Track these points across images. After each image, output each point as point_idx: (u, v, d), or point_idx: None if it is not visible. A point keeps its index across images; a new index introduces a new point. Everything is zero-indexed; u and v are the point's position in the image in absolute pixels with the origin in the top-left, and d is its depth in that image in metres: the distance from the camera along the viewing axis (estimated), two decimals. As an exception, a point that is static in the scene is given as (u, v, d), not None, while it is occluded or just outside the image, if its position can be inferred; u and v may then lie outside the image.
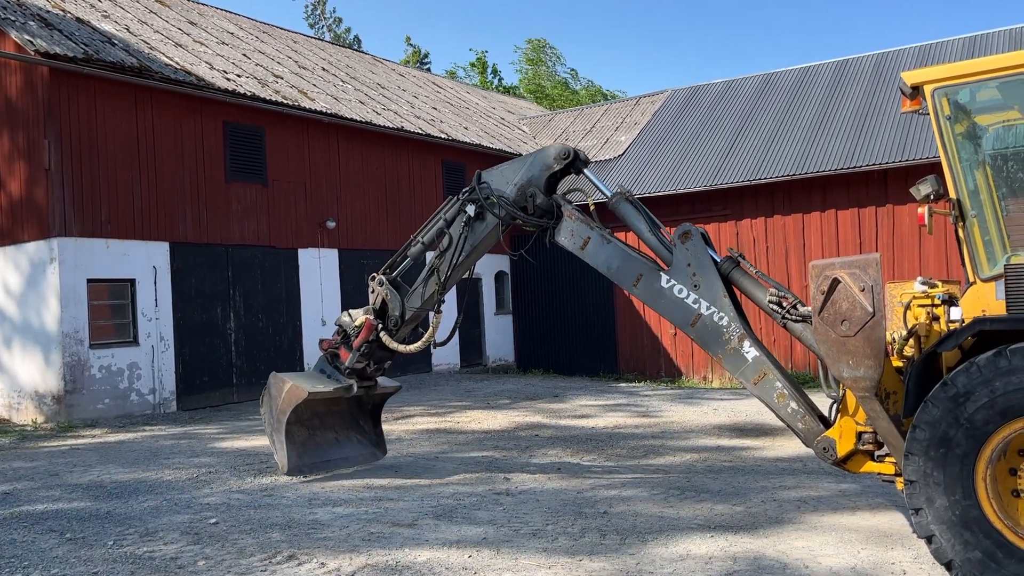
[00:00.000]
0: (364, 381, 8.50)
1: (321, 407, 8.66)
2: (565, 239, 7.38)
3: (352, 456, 8.91)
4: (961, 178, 5.28)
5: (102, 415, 13.59)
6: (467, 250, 7.89)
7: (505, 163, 7.97)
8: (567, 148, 7.55)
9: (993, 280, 5.12)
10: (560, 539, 6.30)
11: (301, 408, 8.28)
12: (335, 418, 8.89)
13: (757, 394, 6.27)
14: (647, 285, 6.75)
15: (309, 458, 8.54)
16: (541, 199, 7.50)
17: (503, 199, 7.66)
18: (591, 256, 7.20)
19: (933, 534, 4.75)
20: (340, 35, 47.50)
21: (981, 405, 4.60)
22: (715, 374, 19.31)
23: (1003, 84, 5.24)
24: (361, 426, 9.10)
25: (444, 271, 7.96)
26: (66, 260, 13.45)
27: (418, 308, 8.19)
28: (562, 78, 44.11)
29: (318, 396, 8.27)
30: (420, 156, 20.41)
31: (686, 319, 6.52)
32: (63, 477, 8.99)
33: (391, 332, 8.22)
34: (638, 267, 6.85)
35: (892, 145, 17.37)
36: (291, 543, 6.29)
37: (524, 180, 7.63)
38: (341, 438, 8.92)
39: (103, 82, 14.04)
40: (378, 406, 9.22)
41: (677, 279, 6.54)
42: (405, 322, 8.25)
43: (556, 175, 7.59)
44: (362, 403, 9.04)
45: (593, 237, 7.19)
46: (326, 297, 17.69)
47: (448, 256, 7.95)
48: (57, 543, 6.45)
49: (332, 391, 8.33)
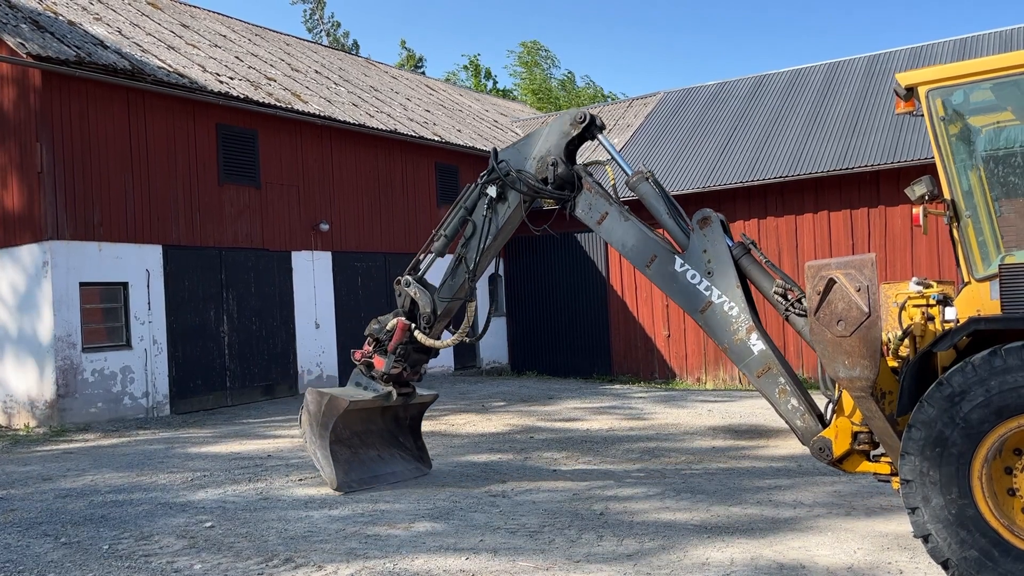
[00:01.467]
0: (402, 388, 8.21)
1: (359, 425, 8.37)
2: (582, 212, 7.27)
3: (398, 471, 8.53)
4: (955, 179, 5.31)
5: (95, 419, 13.53)
6: (493, 233, 7.74)
7: (520, 139, 7.76)
8: (583, 111, 7.39)
9: (987, 280, 5.15)
10: (557, 541, 6.30)
11: (341, 423, 7.96)
12: (375, 437, 8.58)
13: (759, 387, 6.24)
14: (660, 267, 6.67)
15: (356, 474, 8.17)
16: (562, 169, 7.33)
17: (524, 174, 7.52)
18: (607, 232, 7.10)
19: (930, 533, 4.77)
20: (338, 39, 47.46)
21: (976, 404, 4.63)
22: (709, 376, 19.35)
23: (996, 85, 5.28)
24: (402, 443, 8.80)
25: (472, 258, 7.82)
26: (58, 264, 13.39)
27: (450, 300, 8.02)
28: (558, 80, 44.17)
29: (359, 405, 8.01)
30: (413, 158, 20.40)
31: (696, 305, 6.47)
32: (57, 481, 8.95)
33: (425, 330, 8.06)
34: (653, 248, 6.75)
35: (884, 146, 17.45)
36: (287, 547, 6.28)
37: (543, 151, 7.48)
38: (384, 455, 8.58)
39: (95, 85, 13.99)
40: (416, 419, 8.92)
41: (691, 264, 6.47)
42: (438, 317, 8.08)
43: (574, 141, 7.43)
44: (400, 419, 8.77)
45: (611, 213, 7.08)
46: (320, 300, 17.66)
47: (474, 242, 7.82)
48: (52, 547, 6.42)
49: (372, 399, 8.08)
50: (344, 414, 7.93)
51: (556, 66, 45.19)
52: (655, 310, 19.94)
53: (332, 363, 17.85)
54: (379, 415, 8.61)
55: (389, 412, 8.69)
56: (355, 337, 18.33)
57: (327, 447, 7.94)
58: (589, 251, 20.83)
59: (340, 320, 18.10)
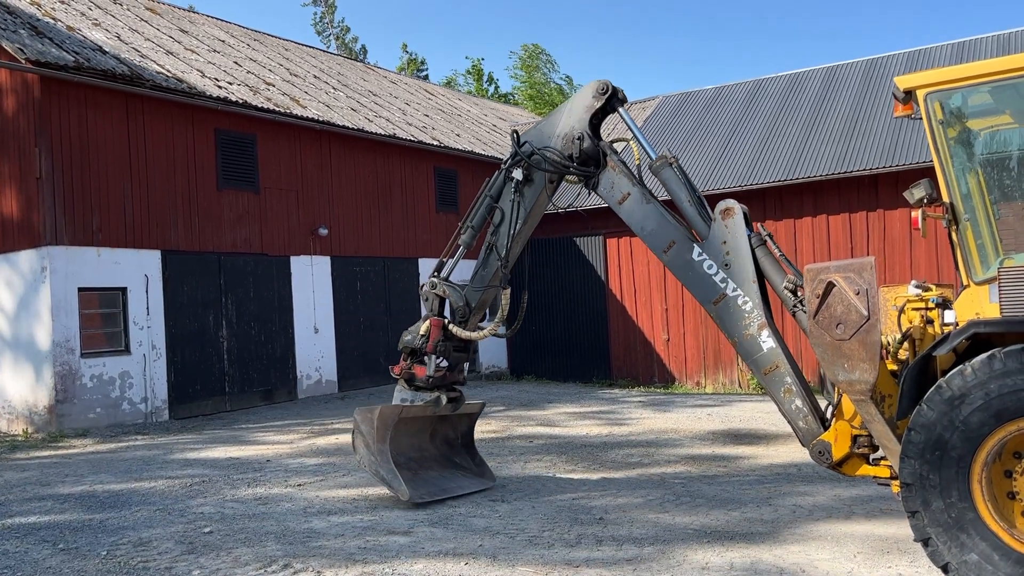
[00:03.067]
0: (450, 392, 7.98)
1: (413, 452, 8.06)
2: (604, 190, 7.17)
3: (464, 484, 8.19)
4: (954, 182, 5.31)
5: (93, 425, 13.51)
6: (523, 217, 7.61)
7: (541, 119, 7.59)
8: (605, 82, 7.23)
9: (986, 283, 5.15)
10: (556, 546, 6.28)
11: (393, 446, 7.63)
12: (431, 461, 8.29)
13: (765, 384, 6.22)
14: (677, 254, 6.59)
15: (424, 489, 7.78)
16: (588, 143, 7.18)
17: (549, 150, 7.38)
18: (627, 213, 7.00)
19: (930, 537, 4.76)
20: (347, 43, 47.55)
21: (976, 408, 4.62)
22: (708, 379, 19.33)
23: (995, 89, 5.28)
24: (459, 463, 8.55)
25: (504, 244, 7.68)
26: (57, 269, 13.38)
27: (483, 290, 7.87)
28: (557, 84, 44.20)
29: (411, 413, 7.80)
30: (412, 163, 20.41)
31: (710, 296, 6.41)
32: (55, 487, 8.92)
33: (460, 324, 7.89)
34: (673, 234, 6.67)
35: (882, 150, 17.46)
36: (287, 552, 6.26)
37: (568, 127, 7.34)
38: (445, 474, 8.31)
39: (94, 90, 13.99)
40: (468, 435, 8.65)
41: (709, 254, 6.41)
42: (473, 310, 7.93)
43: (598, 114, 7.31)
44: (451, 441, 8.53)
45: (633, 194, 6.98)
46: (318, 305, 17.65)
47: (504, 229, 7.68)
48: (50, 553, 6.40)
49: (423, 406, 7.84)
50: (398, 426, 7.67)
51: (556, 70, 45.20)
52: (654, 314, 19.93)
53: (331, 368, 17.84)
54: (429, 440, 8.34)
55: (440, 434, 8.43)
56: (354, 342, 18.41)
57: (389, 460, 7.53)
58: (588, 255, 20.82)
59: (339, 325, 18.09)
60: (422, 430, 8.25)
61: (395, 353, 20.75)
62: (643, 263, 20.08)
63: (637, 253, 20.17)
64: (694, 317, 19.42)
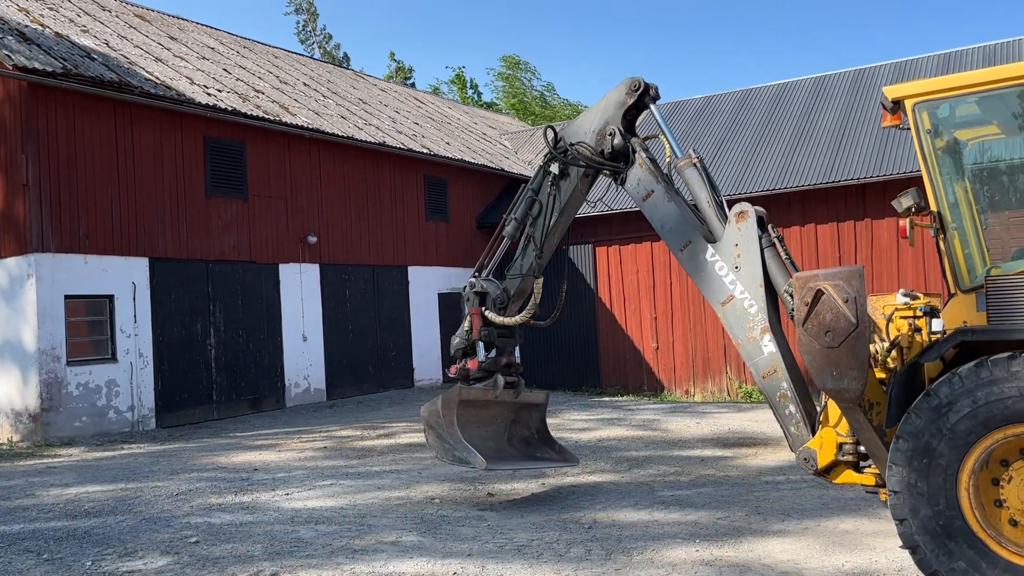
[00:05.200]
0: (506, 376, 8.13)
1: (493, 453, 8.14)
2: (631, 186, 7.32)
3: (544, 461, 8.55)
4: (942, 191, 5.34)
5: (79, 433, 13.39)
6: (558, 209, 7.81)
7: (580, 114, 7.90)
8: (637, 79, 7.43)
9: (974, 291, 5.18)
10: (545, 554, 6.26)
11: (468, 430, 7.83)
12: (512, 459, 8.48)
13: (763, 388, 6.28)
14: (692, 253, 6.69)
15: (502, 463, 8.07)
16: (619, 139, 7.36)
17: (582, 146, 7.58)
18: (650, 210, 7.11)
19: (917, 544, 4.77)
20: (330, 51, 47.52)
21: (963, 415, 4.64)
22: (697, 388, 19.36)
23: (982, 99, 5.33)
24: (540, 456, 8.69)
25: (539, 236, 7.91)
26: (43, 276, 13.29)
27: (520, 279, 8.11)
28: (538, 92, 44.31)
29: (472, 395, 7.97)
30: (402, 171, 20.40)
31: (719, 297, 6.50)
32: (39, 496, 8.84)
33: (499, 311, 8.10)
34: (690, 233, 6.76)
35: (870, 160, 17.58)
36: (273, 561, 6.21)
37: (600, 124, 7.54)
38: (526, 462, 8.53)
39: (82, 97, 13.93)
40: (543, 429, 8.71)
41: (721, 256, 6.48)
42: (511, 297, 8.15)
43: (631, 110, 7.49)
44: (528, 439, 8.67)
45: (657, 191, 7.09)
46: (307, 313, 17.59)
47: (540, 221, 7.90)
48: (34, 563, 6.32)
49: (483, 388, 8.02)
50: (467, 416, 7.87)
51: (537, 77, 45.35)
52: (643, 322, 19.96)
53: (320, 376, 17.77)
54: (508, 445, 8.50)
55: (516, 436, 8.58)
56: (343, 350, 18.35)
57: (460, 437, 7.69)
58: (578, 264, 20.85)
59: (328, 333, 18.03)
60: (498, 434, 8.38)
61: (384, 362, 20.68)
62: (632, 272, 20.12)
63: (626, 261, 20.22)
64: (683, 325, 19.46)
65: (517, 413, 8.56)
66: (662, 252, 19.36)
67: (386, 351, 19.50)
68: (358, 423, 14.39)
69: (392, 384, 19.48)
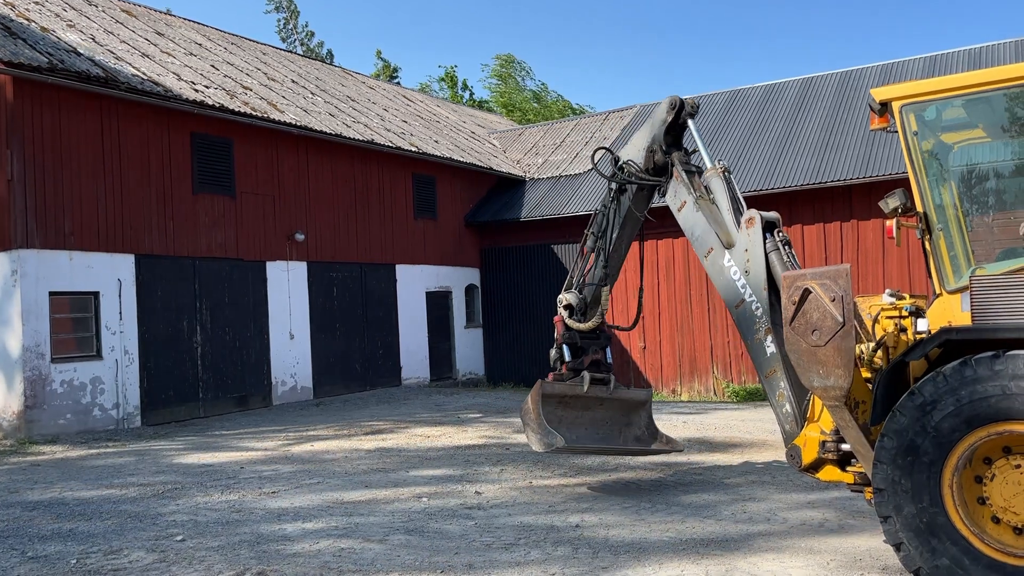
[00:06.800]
0: (594, 373, 8.57)
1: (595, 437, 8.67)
2: (669, 198, 7.72)
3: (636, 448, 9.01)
4: (928, 193, 5.38)
5: (64, 431, 13.30)
6: (619, 223, 8.40)
7: (636, 133, 8.41)
8: (675, 97, 7.91)
9: (958, 292, 5.22)
10: (532, 554, 6.27)
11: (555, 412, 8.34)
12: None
13: (765, 387, 6.55)
14: (714, 260, 7.01)
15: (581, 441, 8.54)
16: (659, 156, 7.86)
17: (631, 163, 8.12)
18: (683, 219, 7.48)
19: (902, 542, 4.81)
20: (312, 48, 47.28)
21: (947, 414, 4.68)
22: (684, 387, 19.42)
23: (968, 102, 5.36)
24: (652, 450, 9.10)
25: (604, 247, 8.54)
26: (28, 273, 13.18)
27: (595, 287, 8.66)
28: (531, 91, 44.30)
29: (556, 389, 8.40)
30: (390, 169, 20.36)
31: (733, 300, 6.78)
32: (23, 494, 8.77)
33: (577, 319, 8.59)
34: (712, 240, 7.07)
35: (857, 161, 17.69)
36: (260, 560, 6.19)
37: (647, 141, 8.04)
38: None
39: (68, 92, 13.82)
40: (651, 425, 9.06)
41: (735, 261, 6.78)
42: (588, 305, 8.66)
43: (671, 127, 7.91)
44: (641, 438, 8.97)
45: (688, 202, 7.43)
46: (294, 310, 17.53)
47: (606, 235, 8.52)
48: (18, 562, 6.28)
49: (569, 383, 8.49)
50: (562, 410, 8.37)
51: (531, 77, 45.34)
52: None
53: (306, 374, 17.71)
54: (620, 441, 8.87)
55: (629, 436, 8.89)
56: (330, 348, 18.29)
57: (543, 423, 8.07)
58: (566, 262, 20.88)
59: (315, 331, 17.98)
60: (610, 436, 8.82)
61: (371, 360, 20.65)
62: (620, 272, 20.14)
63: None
64: (670, 325, 19.52)
65: (629, 416, 8.99)
66: (651, 253, 19.42)
67: (373, 349, 19.46)
68: (345, 422, 14.36)
69: (379, 383, 19.45)
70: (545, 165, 24.06)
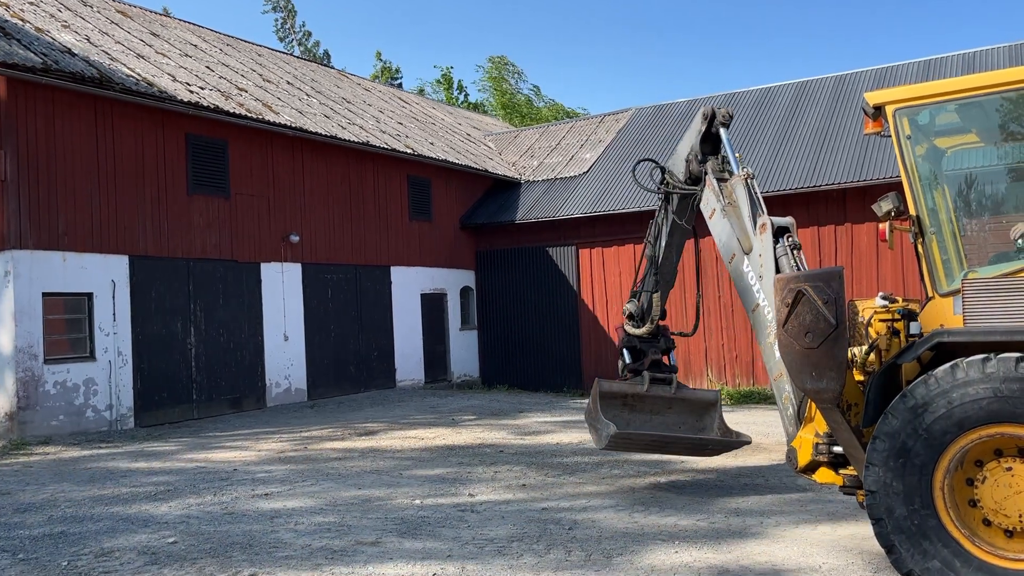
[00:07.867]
0: (654, 374, 8.80)
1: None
2: (702, 206, 7.86)
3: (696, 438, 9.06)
4: (921, 197, 5.40)
5: (56, 432, 13.26)
6: (667, 231, 8.63)
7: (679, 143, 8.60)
8: (708, 108, 8.08)
9: (951, 295, 5.24)
10: (526, 556, 6.26)
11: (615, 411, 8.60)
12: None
13: (773, 389, 6.64)
14: (735, 265, 7.13)
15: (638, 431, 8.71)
16: (695, 165, 8.01)
17: (671, 174, 8.38)
18: (712, 226, 7.59)
19: (893, 544, 4.82)
20: (310, 49, 47.23)
21: (939, 416, 4.70)
22: (678, 390, 19.41)
23: (961, 107, 5.39)
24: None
25: (655, 255, 8.81)
26: (21, 273, 13.14)
27: (650, 293, 8.92)
28: (525, 95, 44.30)
29: (612, 388, 8.70)
30: (385, 171, 20.36)
31: (750, 305, 6.91)
32: (15, 496, 8.74)
33: (636, 325, 8.90)
34: (735, 247, 7.19)
35: (851, 165, 17.73)
36: (252, 562, 6.18)
37: (685, 151, 8.23)
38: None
39: (62, 93, 13.80)
40: (721, 424, 9.07)
41: (752, 266, 6.90)
42: (645, 310, 8.92)
43: (705, 137, 8.02)
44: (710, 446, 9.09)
45: (716, 210, 7.54)
46: (289, 312, 17.50)
47: (657, 242, 8.78)
48: (9, 563, 6.25)
49: (628, 383, 8.77)
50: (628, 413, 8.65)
51: (524, 80, 45.31)
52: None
53: (300, 376, 17.69)
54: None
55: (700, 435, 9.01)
56: (324, 350, 18.27)
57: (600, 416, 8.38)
58: (560, 264, 20.89)
59: (309, 332, 17.95)
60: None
61: (365, 362, 20.66)
62: (615, 273, 20.19)
63: (608, 263, 20.29)
64: (665, 328, 19.51)
65: (701, 419, 9.06)
66: (645, 254, 19.42)
67: (368, 351, 19.44)
68: (339, 423, 14.34)
69: (374, 384, 19.43)
70: (540, 168, 24.07)
